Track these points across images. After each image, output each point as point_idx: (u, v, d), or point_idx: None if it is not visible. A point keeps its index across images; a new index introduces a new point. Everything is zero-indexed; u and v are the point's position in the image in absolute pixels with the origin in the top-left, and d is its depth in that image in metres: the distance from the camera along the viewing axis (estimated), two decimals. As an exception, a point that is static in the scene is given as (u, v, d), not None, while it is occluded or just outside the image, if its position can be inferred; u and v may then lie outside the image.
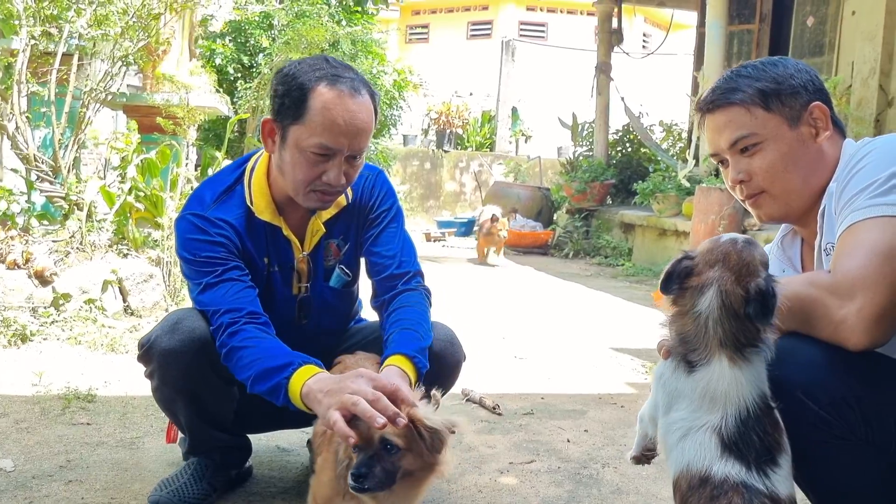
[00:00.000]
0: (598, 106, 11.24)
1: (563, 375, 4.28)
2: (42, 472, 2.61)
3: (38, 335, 4.27)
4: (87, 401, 3.36)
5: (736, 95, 1.87)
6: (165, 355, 2.25)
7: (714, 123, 1.93)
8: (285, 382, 1.99)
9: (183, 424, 2.48)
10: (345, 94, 2.14)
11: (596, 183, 10.46)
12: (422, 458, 1.81)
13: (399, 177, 14.41)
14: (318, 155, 2.15)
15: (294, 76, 2.17)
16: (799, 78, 1.87)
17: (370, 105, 2.21)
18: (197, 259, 2.26)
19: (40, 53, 5.85)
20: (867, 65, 7.45)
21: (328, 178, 2.18)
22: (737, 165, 1.92)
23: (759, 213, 1.97)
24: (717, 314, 1.58)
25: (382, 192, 2.45)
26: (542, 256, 10.09)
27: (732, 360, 1.57)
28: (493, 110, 16.83)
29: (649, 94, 13.36)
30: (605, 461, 2.98)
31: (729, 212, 7.25)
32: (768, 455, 1.57)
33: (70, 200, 5.51)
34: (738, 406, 1.57)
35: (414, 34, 21.76)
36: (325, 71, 2.17)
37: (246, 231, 2.31)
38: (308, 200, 2.25)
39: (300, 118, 2.14)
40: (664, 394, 1.69)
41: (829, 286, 1.63)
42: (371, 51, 10.12)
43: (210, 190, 2.35)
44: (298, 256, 2.38)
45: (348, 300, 2.57)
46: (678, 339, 1.64)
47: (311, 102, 2.13)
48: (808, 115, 1.86)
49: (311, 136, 2.14)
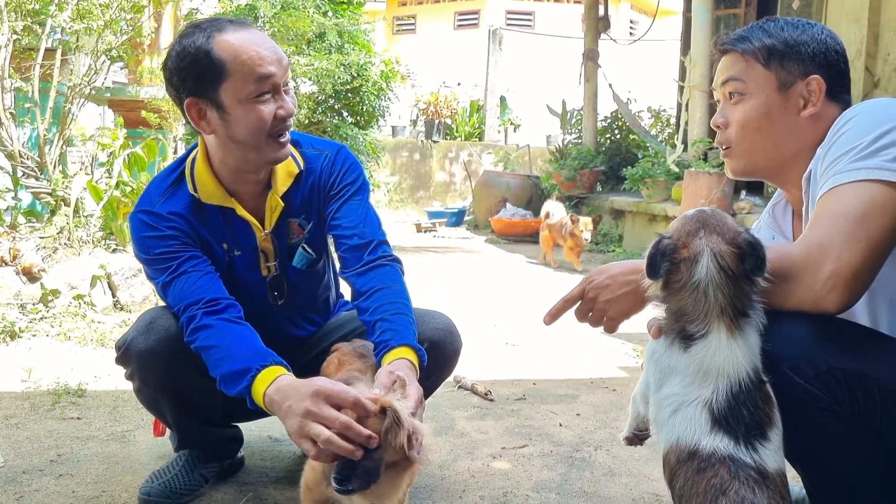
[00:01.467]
0: (586, 93, 11.22)
1: (554, 361, 4.29)
2: (32, 466, 2.60)
3: (27, 331, 4.24)
4: (77, 395, 3.34)
5: (743, 44, 1.91)
6: (143, 356, 2.23)
7: (721, 64, 1.98)
8: (248, 393, 1.96)
9: (170, 422, 2.47)
10: (238, 30, 2.10)
11: (585, 170, 10.45)
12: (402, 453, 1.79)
13: (388, 168, 14.36)
14: (264, 94, 2.10)
15: (188, 48, 2.10)
16: (812, 47, 1.87)
17: (264, 34, 2.19)
18: (151, 257, 2.22)
19: (23, 49, 5.82)
20: (853, 46, 7.47)
21: (282, 111, 2.13)
22: (722, 109, 1.97)
23: (728, 166, 2.02)
24: (717, 279, 1.58)
25: (346, 167, 2.38)
26: (532, 244, 10.09)
27: (731, 331, 1.58)
28: (482, 100, 16.78)
29: (637, 81, 13.35)
30: (597, 444, 2.98)
31: (718, 196, 7.27)
32: (758, 429, 1.58)
33: (57, 196, 5.49)
34: (731, 380, 1.58)
35: (401, 25, 21.68)
36: (209, 27, 2.11)
37: (198, 219, 2.26)
38: (269, 152, 2.18)
39: (222, 77, 2.08)
40: (656, 371, 1.69)
41: (802, 258, 1.63)
42: (358, 42, 10.06)
43: (156, 187, 2.30)
44: (260, 236, 2.32)
45: (315, 279, 2.49)
46: (673, 315, 1.64)
47: (221, 55, 2.06)
48: (804, 86, 1.86)
49: (245, 82, 2.07)
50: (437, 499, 2.46)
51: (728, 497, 1.53)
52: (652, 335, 1.71)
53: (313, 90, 9.14)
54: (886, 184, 1.63)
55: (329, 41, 9.46)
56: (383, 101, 10.57)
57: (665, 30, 15.05)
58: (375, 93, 10.16)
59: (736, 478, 1.54)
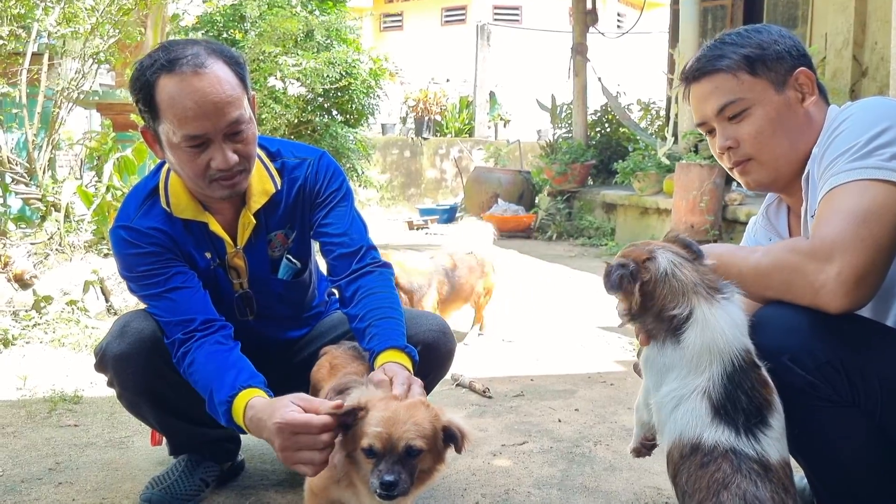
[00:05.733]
0: (576, 87, 11.22)
1: (551, 356, 4.29)
2: (31, 475, 2.59)
3: (20, 339, 4.22)
4: (73, 402, 3.32)
5: (722, 62, 1.88)
6: (118, 361, 2.22)
7: (700, 91, 1.94)
8: (234, 425, 1.98)
9: (156, 426, 2.47)
10: (186, 75, 2.00)
11: (576, 164, 10.46)
12: (437, 456, 1.80)
13: (379, 166, 14.34)
14: (193, 147, 2.04)
15: (138, 78, 2.07)
16: (783, 43, 1.88)
17: (223, 71, 2.05)
18: (136, 275, 2.21)
19: (8, 54, 5.77)
20: (840, 36, 7.49)
21: (216, 164, 2.06)
22: (724, 132, 1.92)
23: (746, 181, 1.98)
24: (677, 261, 1.68)
25: (329, 174, 2.35)
26: (525, 240, 10.09)
27: (709, 302, 1.63)
28: (471, 96, 16.76)
29: (626, 74, 13.36)
30: (596, 439, 2.99)
31: (709, 187, 7.28)
32: (758, 416, 1.60)
33: (47, 202, 5.46)
34: (724, 362, 1.61)
35: (388, 22, 21.63)
36: (161, 60, 2.02)
37: (177, 233, 2.23)
38: (215, 191, 2.13)
39: (158, 117, 2.05)
40: (653, 373, 1.72)
41: (807, 252, 1.64)
42: (346, 39, 10.04)
43: (134, 199, 2.28)
44: (230, 252, 2.29)
45: (300, 289, 2.48)
46: (656, 317, 1.68)
47: (159, 98, 2.01)
48: (794, 80, 1.87)
49: (174, 131, 2.02)
50: (438, 498, 2.45)
51: (730, 491, 1.54)
52: (641, 343, 1.75)
53: (301, 91, 9.11)
54: (886, 183, 1.63)
55: (317, 39, 9.42)
56: (372, 98, 10.54)
57: (652, 22, 15.06)
58: (364, 91, 10.13)
59: (738, 471, 1.55)
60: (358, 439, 1.74)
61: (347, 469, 1.80)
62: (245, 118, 2.09)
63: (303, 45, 9.32)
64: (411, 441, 1.70)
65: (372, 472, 1.71)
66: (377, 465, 1.70)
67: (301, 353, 2.49)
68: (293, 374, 2.35)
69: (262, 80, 8.64)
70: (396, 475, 1.68)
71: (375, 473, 1.69)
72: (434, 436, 1.76)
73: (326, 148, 8.12)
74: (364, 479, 1.76)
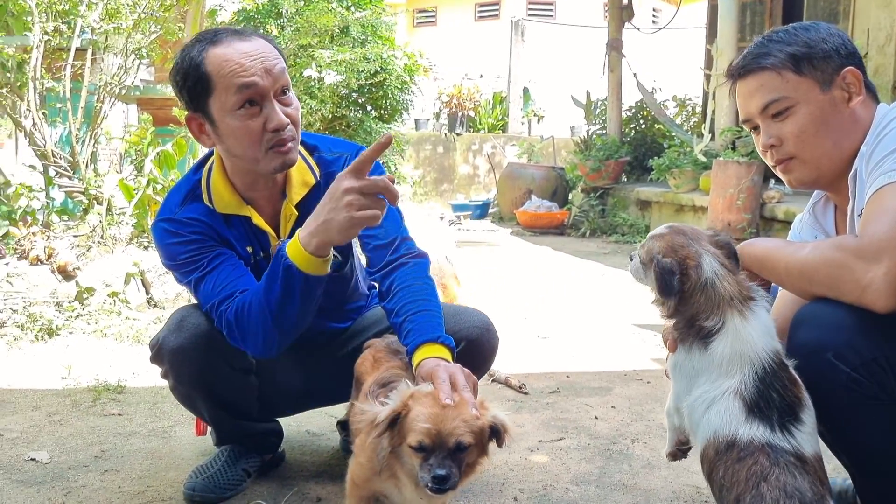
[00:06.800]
0: (611, 83, 11.14)
1: (587, 353, 4.28)
2: (78, 462, 2.65)
3: (64, 329, 4.31)
4: (116, 392, 3.39)
5: (767, 60, 1.87)
6: (175, 354, 2.25)
7: (745, 89, 1.94)
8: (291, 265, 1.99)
9: (206, 417, 2.50)
10: (233, 42, 2.09)
11: (610, 161, 10.39)
12: (482, 449, 1.82)
13: (412, 162, 14.37)
14: (249, 106, 2.08)
15: (183, 63, 2.12)
16: (831, 42, 1.86)
17: (265, 42, 2.14)
18: (178, 262, 2.24)
19: (53, 49, 5.88)
20: (882, 32, 7.36)
21: (271, 124, 2.09)
22: (768, 130, 1.92)
23: (789, 179, 1.97)
24: (721, 272, 1.70)
25: None
26: (558, 236, 10.06)
27: (742, 314, 1.66)
28: (505, 91, 16.72)
29: (662, 70, 13.23)
30: (634, 437, 2.98)
31: (747, 184, 7.20)
32: (790, 412, 1.62)
33: (89, 195, 5.56)
34: (755, 365, 1.64)
35: (421, 17, 21.65)
36: (205, 39, 2.11)
37: (219, 226, 2.27)
38: (270, 161, 2.15)
39: (210, 90, 2.09)
40: (683, 378, 1.76)
41: (855, 250, 1.63)
42: (381, 35, 10.08)
43: (175, 195, 2.32)
44: (274, 244, 2.31)
45: (342, 282, 2.49)
46: (687, 322, 1.72)
47: (209, 69, 2.07)
48: (841, 80, 1.85)
49: (229, 93, 2.07)
50: (476, 492, 2.47)
51: (769, 483, 1.55)
52: (669, 349, 1.79)
53: (338, 80, 9.14)
54: None
55: (352, 35, 9.48)
56: (406, 94, 10.58)
57: (689, 17, 14.89)
58: (399, 86, 10.17)
59: (776, 464, 1.56)
60: (405, 435, 1.75)
61: (391, 462, 1.81)
62: (290, 87, 2.16)
63: (338, 41, 9.38)
64: (461, 437, 1.72)
65: (421, 466, 1.72)
66: (427, 459, 1.72)
67: (345, 346, 2.51)
68: (339, 367, 2.37)
69: (298, 74, 8.71)
70: (448, 469, 1.70)
71: (426, 468, 1.71)
72: (481, 430, 1.78)
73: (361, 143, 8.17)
74: (409, 473, 1.78)
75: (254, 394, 2.41)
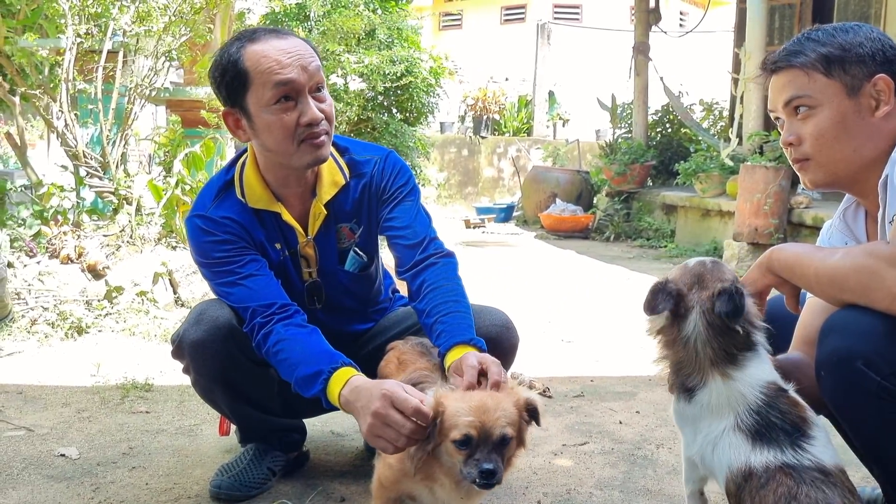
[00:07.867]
0: (637, 87, 11.09)
1: (611, 357, 4.27)
2: (106, 459, 2.69)
3: (93, 327, 4.38)
4: (144, 390, 3.44)
5: (798, 58, 1.87)
6: (195, 347, 2.29)
7: (776, 83, 1.95)
8: (323, 394, 2.03)
9: (228, 413, 2.53)
10: (271, 39, 2.15)
11: (636, 165, 10.34)
12: (520, 440, 1.84)
13: (437, 164, 14.40)
14: (284, 100, 2.14)
15: (222, 60, 2.19)
16: (868, 46, 1.84)
17: (301, 41, 2.21)
18: (211, 261, 2.28)
19: (85, 52, 5.97)
20: (916, 35, 7.26)
21: (305, 118, 2.15)
22: (789, 127, 1.93)
23: (804, 179, 1.98)
24: (704, 335, 1.70)
25: (396, 171, 2.43)
26: (582, 240, 10.03)
27: (725, 376, 1.68)
28: (530, 95, 16.69)
29: (688, 73, 13.16)
30: (659, 442, 2.96)
31: (774, 190, 7.13)
32: (798, 431, 1.63)
33: (119, 195, 5.63)
34: (747, 402, 1.67)
35: (447, 21, 21.68)
36: (244, 37, 2.18)
37: (250, 223, 2.32)
38: (303, 155, 2.20)
39: (247, 85, 2.15)
40: (685, 425, 1.80)
41: (887, 257, 1.62)
42: (406, 38, 10.12)
43: (209, 191, 2.37)
44: (302, 241, 2.37)
45: (366, 282, 2.54)
46: (675, 368, 1.76)
47: (247, 65, 2.13)
48: (871, 87, 1.83)
49: (265, 89, 2.13)
50: (500, 495, 2.47)
51: (800, 501, 1.53)
52: (669, 391, 1.83)
53: (363, 87, 9.21)
54: None
55: (379, 38, 9.53)
56: (432, 97, 10.61)
57: (716, 21, 14.79)
58: (424, 89, 10.21)
59: (802, 482, 1.56)
60: (446, 433, 1.75)
61: (427, 464, 1.81)
62: (325, 85, 2.23)
63: (365, 44, 9.43)
64: (503, 429, 1.74)
65: (466, 462, 1.72)
66: (472, 455, 1.72)
67: (366, 346, 2.53)
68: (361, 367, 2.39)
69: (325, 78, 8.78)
70: (495, 463, 1.70)
71: (472, 463, 1.71)
72: (518, 420, 1.80)
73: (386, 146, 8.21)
74: (449, 472, 1.78)
75: (273, 387, 2.43)
